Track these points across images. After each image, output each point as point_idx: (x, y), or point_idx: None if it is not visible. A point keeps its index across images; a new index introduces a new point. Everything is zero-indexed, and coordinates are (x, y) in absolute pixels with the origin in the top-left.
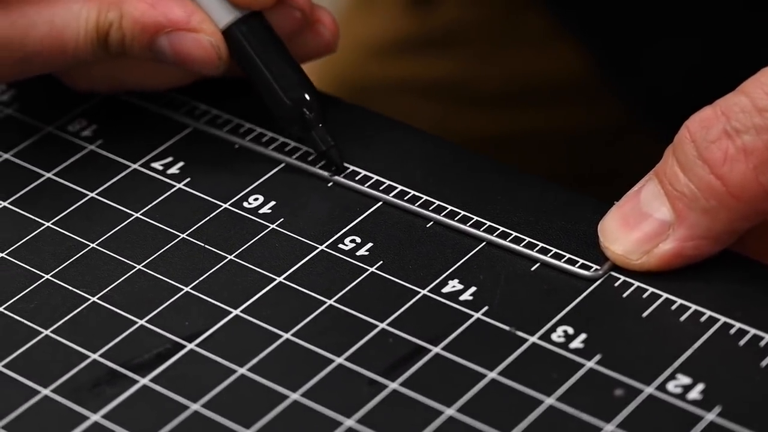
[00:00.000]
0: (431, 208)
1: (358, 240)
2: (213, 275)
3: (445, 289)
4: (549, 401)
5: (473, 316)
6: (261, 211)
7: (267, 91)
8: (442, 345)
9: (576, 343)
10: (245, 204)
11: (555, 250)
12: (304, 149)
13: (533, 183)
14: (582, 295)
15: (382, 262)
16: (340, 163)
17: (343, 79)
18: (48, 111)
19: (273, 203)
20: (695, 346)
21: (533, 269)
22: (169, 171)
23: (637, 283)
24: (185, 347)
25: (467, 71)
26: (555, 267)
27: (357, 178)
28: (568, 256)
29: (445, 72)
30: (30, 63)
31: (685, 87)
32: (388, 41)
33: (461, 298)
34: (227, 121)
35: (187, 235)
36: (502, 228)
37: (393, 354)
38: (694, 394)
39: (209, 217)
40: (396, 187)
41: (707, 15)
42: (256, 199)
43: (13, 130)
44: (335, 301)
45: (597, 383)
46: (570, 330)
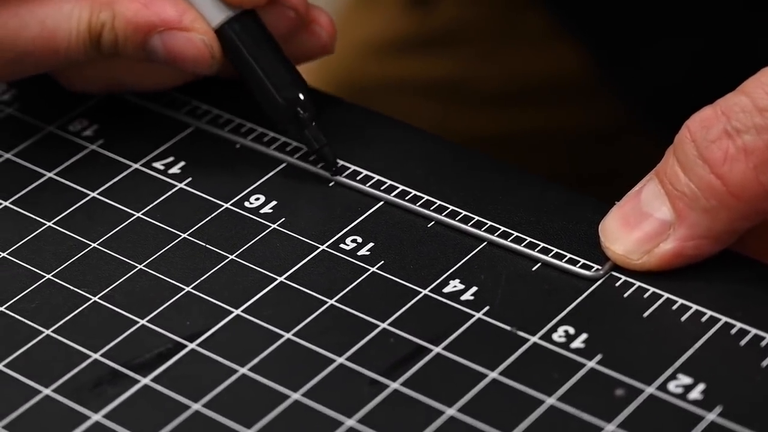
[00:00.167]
0: (432, 208)
1: (359, 240)
2: (214, 275)
3: (446, 289)
4: (550, 401)
5: (474, 316)
6: (262, 211)
7: (260, 90)
8: (443, 345)
9: (577, 343)
10: (246, 204)
11: (556, 250)
12: (305, 149)
13: (534, 183)
14: (583, 295)
15: (383, 261)
16: (333, 161)
17: (343, 79)
18: (49, 111)
19: (274, 203)
20: (696, 346)
21: (534, 269)
22: (171, 171)
23: (638, 283)
24: (186, 347)
25: (466, 71)
26: (556, 267)
27: (358, 178)
28: (569, 256)
29: (445, 71)
30: (22, 63)
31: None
32: (387, 41)
33: (462, 298)
34: (228, 121)
35: (189, 235)
36: (503, 228)
37: (394, 354)
38: (694, 394)
39: (210, 217)
40: (397, 187)
41: (707, 15)
42: (257, 199)
43: (15, 129)
44: (336, 301)
45: (598, 383)
46: (571, 330)
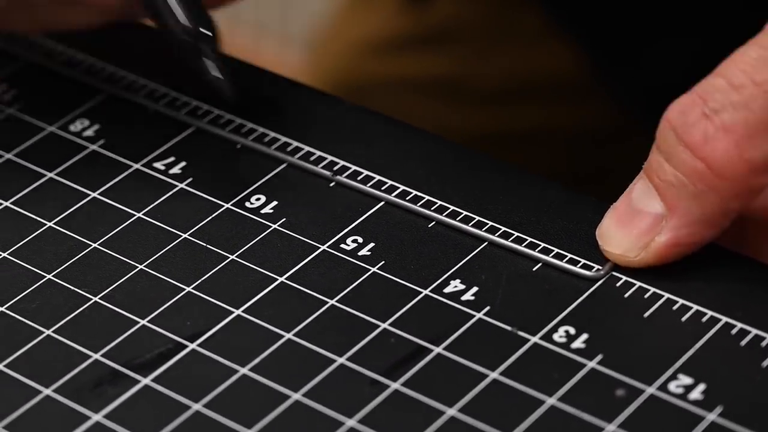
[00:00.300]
0: (433, 208)
1: (359, 240)
2: (215, 275)
3: (447, 289)
4: (550, 401)
5: (475, 316)
6: (263, 211)
7: (161, 19)
8: (443, 345)
9: (577, 343)
10: (247, 204)
11: (557, 250)
12: (306, 149)
13: (535, 183)
14: (583, 296)
15: (383, 262)
16: (232, 94)
17: (340, 77)
18: (50, 111)
19: (275, 203)
20: (697, 346)
21: (535, 269)
22: (171, 171)
23: (639, 284)
24: (187, 347)
25: (464, 69)
26: (557, 267)
27: (359, 178)
28: (569, 256)
29: (442, 70)
30: None
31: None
32: (384, 39)
33: (463, 298)
34: (229, 121)
35: (189, 235)
36: (503, 228)
37: (394, 354)
38: (695, 394)
39: (211, 217)
40: (398, 187)
41: (705, 15)
42: (258, 199)
43: (15, 130)
44: (337, 301)
45: (598, 383)
46: (571, 330)
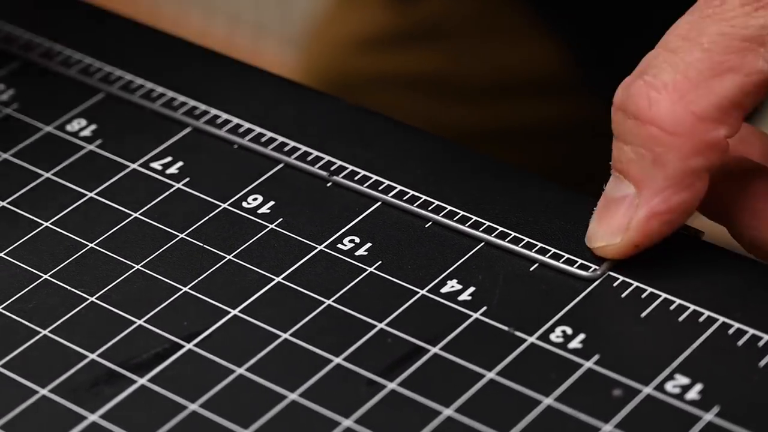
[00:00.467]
0: (430, 208)
1: (356, 240)
2: (211, 275)
3: (444, 289)
4: (547, 401)
5: (472, 316)
6: (260, 211)
7: None
8: (440, 345)
9: (574, 343)
10: (244, 204)
11: (554, 250)
12: (303, 149)
13: (532, 183)
14: (580, 296)
15: (380, 262)
16: None
17: (329, 75)
18: (47, 111)
19: (272, 203)
20: (694, 346)
21: (532, 269)
22: (168, 171)
23: (636, 283)
24: (183, 347)
25: (451, 65)
26: (553, 267)
27: (356, 178)
28: (566, 256)
29: (430, 66)
30: None
31: None
32: (371, 36)
33: (460, 298)
34: (226, 121)
35: (186, 235)
36: (500, 228)
37: (391, 354)
38: (692, 394)
39: (208, 217)
40: (395, 187)
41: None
42: (255, 199)
43: (12, 129)
44: (334, 301)
45: (595, 383)
46: (568, 330)
